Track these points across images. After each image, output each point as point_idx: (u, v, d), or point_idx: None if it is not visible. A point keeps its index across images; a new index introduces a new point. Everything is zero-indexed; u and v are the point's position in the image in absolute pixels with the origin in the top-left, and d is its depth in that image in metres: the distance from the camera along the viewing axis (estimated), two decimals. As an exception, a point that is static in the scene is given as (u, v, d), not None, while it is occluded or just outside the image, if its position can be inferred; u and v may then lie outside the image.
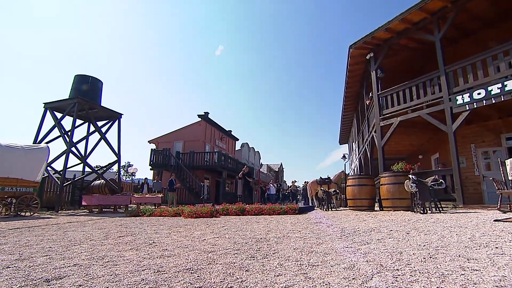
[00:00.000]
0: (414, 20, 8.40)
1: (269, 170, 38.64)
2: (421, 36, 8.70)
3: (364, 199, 8.05)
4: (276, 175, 42.50)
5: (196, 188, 16.76)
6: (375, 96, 10.15)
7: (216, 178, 20.86)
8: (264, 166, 37.57)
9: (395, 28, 8.91)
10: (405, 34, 9.06)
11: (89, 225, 5.87)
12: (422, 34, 8.54)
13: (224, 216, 7.90)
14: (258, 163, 33.59)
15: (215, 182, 20.99)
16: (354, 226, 4.47)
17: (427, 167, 11.47)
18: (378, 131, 9.85)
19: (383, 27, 8.93)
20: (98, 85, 14.25)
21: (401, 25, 8.62)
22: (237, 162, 21.70)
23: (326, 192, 10.11)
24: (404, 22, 8.40)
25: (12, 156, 8.93)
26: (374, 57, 10.31)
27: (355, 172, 19.09)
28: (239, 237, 3.69)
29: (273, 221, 5.70)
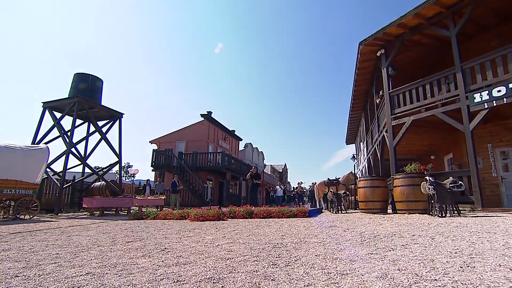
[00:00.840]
0: (428, 14, 8.28)
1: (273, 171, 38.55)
2: (436, 32, 8.59)
3: (377, 201, 7.95)
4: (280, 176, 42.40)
5: (200, 189, 16.70)
6: (386, 94, 10.03)
7: (220, 179, 20.79)
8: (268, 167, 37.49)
9: (408, 23, 8.80)
10: (418, 30, 8.95)
11: (92, 229, 5.81)
12: (437, 29, 8.42)
13: (231, 219, 7.82)
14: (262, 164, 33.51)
15: (218, 184, 20.94)
16: (372, 230, 4.38)
17: (440, 168, 11.34)
18: (390, 131, 9.74)
19: (395, 22, 8.82)
20: (98, 84, 14.21)
21: (414, 20, 8.52)
22: (241, 163, 21.62)
23: (335, 194, 10.02)
24: (417, 17, 8.29)
25: (11, 157, 8.89)
26: (385, 54, 10.20)
27: (363, 173, 18.96)
28: (254, 242, 3.62)
29: (284, 225, 5.62)
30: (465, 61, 7.71)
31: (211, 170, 19.04)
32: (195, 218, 7.41)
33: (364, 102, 15.79)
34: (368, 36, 9.99)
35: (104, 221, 7.93)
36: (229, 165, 18.63)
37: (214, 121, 21.44)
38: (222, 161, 18.09)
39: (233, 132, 25.11)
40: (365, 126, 17.04)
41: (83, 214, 11.20)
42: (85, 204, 10.41)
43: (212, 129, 21.40)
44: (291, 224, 5.89)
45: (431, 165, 7.58)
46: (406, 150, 13.53)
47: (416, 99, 8.88)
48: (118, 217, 9.48)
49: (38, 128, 13.02)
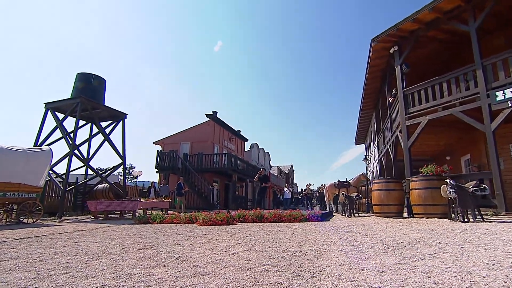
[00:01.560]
0: (446, 8, 8.14)
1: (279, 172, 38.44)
2: (454, 26, 8.44)
3: (392, 204, 7.83)
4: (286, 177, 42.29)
5: (205, 192, 16.67)
6: (400, 93, 9.90)
7: (225, 181, 20.76)
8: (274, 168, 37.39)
9: (423, 18, 8.67)
10: (434, 25, 8.81)
11: (99, 234, 5.78)
12: (455, 24, 8.27)
13: (241, 223, 7.76)
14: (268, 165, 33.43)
15: (224, 185, 20.90)
16: (393, 236, 4.28)
17: (456, 169, 11.17)
18: (404, 131, 9.60)
19: (410, 17, 8.69)
20: (101, 84, 14.24)
21: (430, 14, 8.38)
22: (247, 164, 21.56)
23: (348, 197, 9.91)
24: (434, 11, 8.15)
25: (14, 159, 8.92)
26: (398, 51, 10.07)
27: (374, 175, 18.78)
28: (271, 249, 3.54)
29: (298, 230, 5.53)
30: (485, 58, 7.55)
31: (217, 172, 19.01)
32: (203, 222, 7.35)
33: (375, 101, 15.63)
34: (380, 33, 9.86)
35: (110, 225, 7.91)
36: (235, 166, 18.57)
37: (219, 121, 21.40)
38: (228, 162, 18.04)
39: (238, 133, 25.06)
40: (376, 125, 16.87)
41: (87, 217, 11.21)
42: (90, 208, 10.42)
43: (218, 130, 21.37)
44: (305, 229, 5.80)
45: (449, 167, 7.45)
46: (420, 150, 13.36)
47: (432, 98, 8.74)
48: (123, 221, 9.46)
49: (40, 129, 13.08)
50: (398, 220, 6.92)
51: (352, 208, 9.73)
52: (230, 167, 17.86)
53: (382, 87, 13.51)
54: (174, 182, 17.29)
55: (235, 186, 18.62)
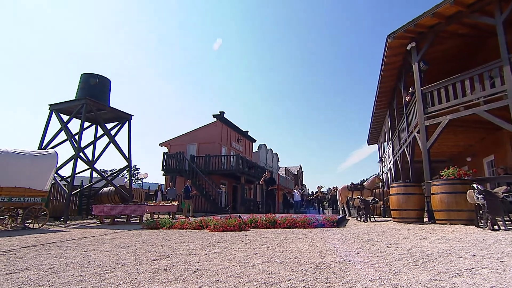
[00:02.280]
0: (469, 1, 7.92)
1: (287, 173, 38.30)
2: (477, 20, 8.23)
3: (412, 209, 7.68)
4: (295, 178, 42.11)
5: (213, 195, 16.65)
6: (418, 91, 9.71)
7: (233, 183, 20.71)
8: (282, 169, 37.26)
9: (444, 12, 8.47)
10: (456, 19, 8.60)
11: (108, 241, 5.76)
12: (479, 17, 8.06)
13: (254, 228, 7.69)
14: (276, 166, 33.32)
15: (232, 188, 20.86)
16: (419, 246, 4.15)
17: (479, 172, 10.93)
18: (423, 131, 9.41)
19: (430, 12, 8.51)
20: (106, 84, 14.30)
21: (452, 8, 8.18)
22: (256, 166, 21.50)
23: (364, 200, 9.77)
24: (456, 4, 7.95)
25: (19, 163, 8.97)
26: (416, 47, 9.87)
27: (388, 177, 18.53)
28: (291, 261, 3.45)
29: (316, 238, 5.43)
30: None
31: (225, 174, 18.98)
32: (214, 228, 7.30)
33: (390, 99, 15.41)
34: (397, 28, 9.68)
35: (117, 231, 7.90)
36: (244, 168, 18.53)
37: (227, 121, 21.37)
38: (236, 164, 17.99)
39: (246, 133, 25.01)
40: (390, 125, 16.62)
41: (93, 222, 11.25)
42: (95, 212, 10.45)
43: (225, 130, 21.34)
44: (322, 236, 5.70)
45: (473, 170, 7.26)
46: (438, 151, 13.14)
47: (453, 96, 8.54)
48: (130, 226, 9.46)
49: (45, 131, 13.17)
50: (420, 226, 6.77)
51: (368, 212, 9.58)
52: (238, 169, 17.82)
53: (398, 85, 13.29)
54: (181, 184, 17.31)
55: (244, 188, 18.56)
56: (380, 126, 20.91)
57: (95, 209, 10.44)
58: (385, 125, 19.14)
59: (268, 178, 11.75)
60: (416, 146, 10.74)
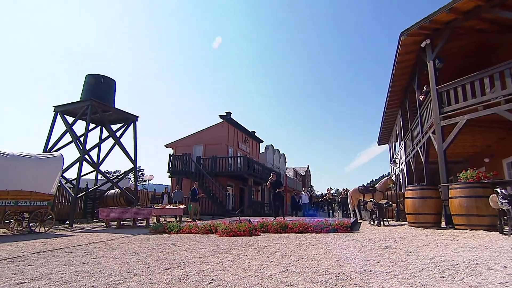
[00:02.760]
0: (489, -5, 7.80)
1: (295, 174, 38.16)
2: (497, 15, 8.06)
3: (428, 214, 7.55)
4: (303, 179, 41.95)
5: (220, 197, 16.62)
6: (434, 90, 9.55)
7: (240, 185, 20.66)
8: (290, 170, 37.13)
9: (461, 7, 8.32)
10: (474, 14, 8.43)
11: (116, 247, 5.74)
12: (499, 11, 7.88)
13: (264, 233, 7.64)
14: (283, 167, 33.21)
15: (239, 190, 20.81)
16: (442, 254, 4.05)
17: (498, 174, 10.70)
18: (438, 132, 9.25)
19: (446, 7, 8.35)
20: (111, 85, 14.36)
21: (470, 2, 8.02)
22: (263, 167, 21.42)
23: (377, 204, 9.66)
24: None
25: (25, 166, 9.02)
26: (431, 44, 9.71)
27: (400, 178, 18.33)
28: (309, 270, 3.38)
29: (330, 245, 5.35)
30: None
31: (232, 176, 18.93)
32: (224, 233, 7.26)
33: (402, 99, 15.22)
34: (411, 25, 9.54)
35: (125, 235, 7.89)
36: (251, 170, 18.46)
37: (233, 122, 21.32)
38: (244, 165, 17.92)
39: (253, 134, 24.95)
40: (403, 125, 16.42)
41: (99, 225, 11.28)
42: (102, 215, 10.48)
43: (232, 131, 21.30)
44: (337, 242, 5.62)
45: (495, 172, 7.11)
46: (453, 152, 12.91)
47: (471, 95, 8.38)
48: (137, 230, 9.46)
49: (50, 133, 13.26)
50: (438, 231, 6.64)
51: (381, 216, 9.46)
52: (246, 171, 17.76)
53: (411, 84, 13.11)
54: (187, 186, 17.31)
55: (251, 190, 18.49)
56: (391, 126, 20.69)
57: (101, 212, 10.46)
58: (397, 125, 18.92)
59: (274, 180, 11.65)
60: (430, 147, 10.58)
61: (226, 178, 19.15)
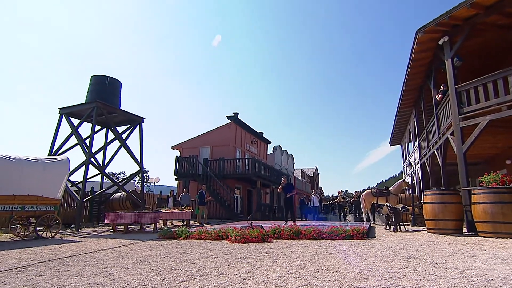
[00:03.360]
0: (514, -12, 7.61)
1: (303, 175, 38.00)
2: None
3: (449, 220, 7.39)
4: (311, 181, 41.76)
5: (228, 200, 16.56)
6: (452, 90, 9.37)
7: (248, 187, 20.59)
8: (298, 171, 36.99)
9: (483, 2, 8.13)
10: (496, 9, 8.24)
11: (126, 255, 5.70)
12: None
13: (277, 240, 7.56)
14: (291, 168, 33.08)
15: (246, 192, 20.72)
16: (473, 267, 3.91)
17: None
18: (458, 134, 9.07)
19: (467, 2, 8.18)
20: (117, 86, 14.39)
21: (494, -4, 7.86)
22: (272, 169, 21.33)
23: (393, 208, 9.51)
24: (499, -8, 7.64)
25: (31, 171, 9.04)
26: (449, 42, 9.53)
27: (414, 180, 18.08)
28: (332, 284, 3.28)
29: (349, 253, 5.24)
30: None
31: (239, 178, 18.88)
32: (236, 239, 7.19)
33: (417, 98, 15.01)
34: (428, 22, 9.38)
35: (133, 241, 7.86)
36: (260, 172, 18.39)
37: (241, 123, 21.26)
38: (252, 168, 17.84)
39: (261, 135, 24.87)
40: (417, 125, 16.20)
41: (105, 229, 11.29)
42: (109, 220, 10.48)
43: (239, 132, 21.24)
44: (355, 251, 5.50)
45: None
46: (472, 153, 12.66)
47: (493, 95, 8.19)
48: (144, 235, 9.43)
49: (55, 136, 13.32)
50: (461, 239, 6.48)
51: (398, 221, 9.31)
52: (254, 173, 17.68)
53: (426, 83, 12.92)
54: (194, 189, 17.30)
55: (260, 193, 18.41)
56: (404, 126, 20.44)
57: (108, 217, 10.46)
58: (410, 125, 18.68)
59: (285, 184, 11.57)
60: (448, 148, 10.40)
61: (234, 181, 19.10)
